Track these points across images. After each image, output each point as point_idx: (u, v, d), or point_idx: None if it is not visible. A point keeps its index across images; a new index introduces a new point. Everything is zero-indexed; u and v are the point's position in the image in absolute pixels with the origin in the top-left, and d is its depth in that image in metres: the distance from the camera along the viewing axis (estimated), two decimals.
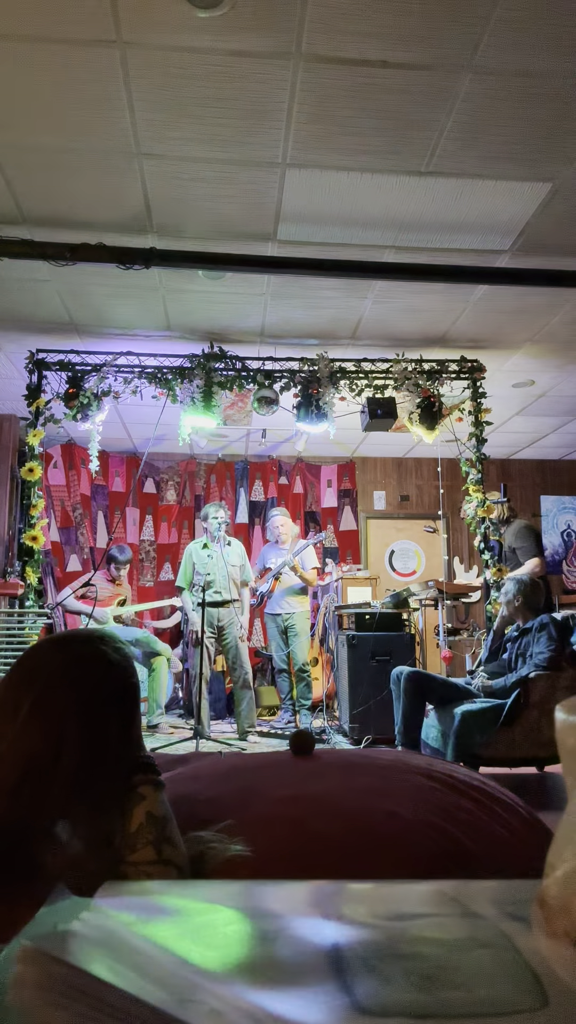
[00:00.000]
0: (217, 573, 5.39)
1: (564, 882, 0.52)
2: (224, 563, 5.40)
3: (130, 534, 7.87)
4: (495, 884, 0.68)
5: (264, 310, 4.90)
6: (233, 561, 5.45)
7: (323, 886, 0.69)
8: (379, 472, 8.43)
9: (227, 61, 2.84)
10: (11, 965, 0.43)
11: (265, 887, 0.71)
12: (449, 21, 2.65)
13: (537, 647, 3.86)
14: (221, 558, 5.41)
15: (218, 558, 5.42)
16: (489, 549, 5.27)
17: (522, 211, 3.78)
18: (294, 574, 5.82)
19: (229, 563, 5.42)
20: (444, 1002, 0.44)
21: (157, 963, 0.47)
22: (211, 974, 0.46)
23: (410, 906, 0.61)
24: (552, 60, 2.83)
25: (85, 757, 0.97)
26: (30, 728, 0.97)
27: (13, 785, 0.94)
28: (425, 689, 4.10)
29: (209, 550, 5.44)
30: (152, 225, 3.94)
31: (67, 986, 0.42)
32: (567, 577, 8.44)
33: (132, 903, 0.61)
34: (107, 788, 0.98)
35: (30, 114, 3.12)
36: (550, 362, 5.66)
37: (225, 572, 5.39)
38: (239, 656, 5.35)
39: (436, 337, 5.31)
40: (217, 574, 5.38)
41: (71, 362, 5.24)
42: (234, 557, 5.48)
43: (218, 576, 5.39)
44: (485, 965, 0.48)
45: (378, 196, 3.67)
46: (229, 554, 5.45)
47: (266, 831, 1.09)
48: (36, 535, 4.96)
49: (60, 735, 0.96)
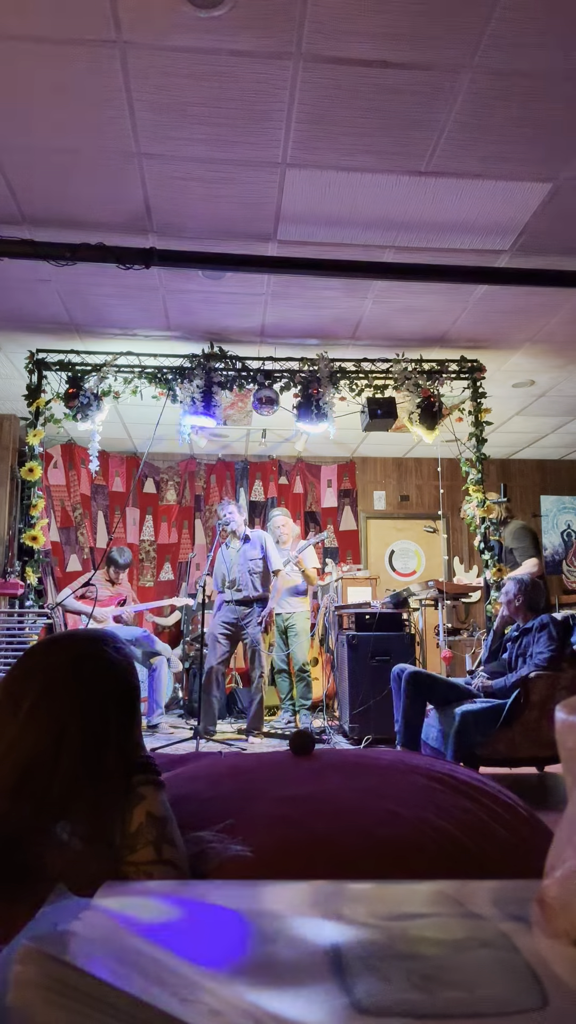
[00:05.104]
0: (237, 571, 5.43)
1: (564, 882, 0.52)
2: (243, 559, 5.44)
3: (130, 534, 7.87)
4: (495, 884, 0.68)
5: (264, 310, 4.90)
6: (252, 555, 5.49)
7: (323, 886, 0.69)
8: (379, 472, 8.43)
9: (227, 61, 2.84)
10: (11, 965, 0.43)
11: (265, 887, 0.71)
12: (449, 21, 2.65)
13: (537, 647, 3.86)
14: (236, 555, 5.44)
15: (234, 556, 5.45)
16: (489, 549, 5.27)
17: (522, 211, 3.78)
18: (297, 569, 5.83)
19: (248, 558, 5.46)
20: (444, 1002, 0.44)
21: (157, 963, 0.47)
22: (211, 974, 0.46)
23: (410, 906, 0.61)
24: (552, 60, 2.83)
25: (85, 757, 0.97)
26: (30, 728, 0.97)
27: (13, 785, 0.94)
28: (425, 689, 4.09)
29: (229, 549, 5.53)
30: (152, 225, 3.94)
31: (67, 986, 0.42)
32: (567, 577, 8.44)
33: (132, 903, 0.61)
34: (107, 788, 0.98)
35: (30, 114, 3.12)
36: (550, 362, 5.66)
37: (244, 569, 5.44)
38: (255, 656, 5.39)
39: (436, 337, 5.31)
40: (237, 572, 5.43)
41: (71, 362, 5.24)
42: (252, 551, 5.50)
43: (238, 574, 5.44)
44: (485, 965, 0.48)
45: (378, 196, 3.67)
46: (247, 550, 5.49)
47: (266, 831, 1.09)
48: (36, 535, 4.96)
49: (60, 735, 0.96)
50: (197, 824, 1.10)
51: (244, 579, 5.41)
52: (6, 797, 0.93)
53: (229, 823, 1.11)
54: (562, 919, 0.51)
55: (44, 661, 1.05)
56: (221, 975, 0.46)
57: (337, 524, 8.18)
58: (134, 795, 1.00)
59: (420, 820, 1.15)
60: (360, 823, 1.13)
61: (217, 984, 0.45)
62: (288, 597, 5.88)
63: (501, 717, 3.69)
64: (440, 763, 1.51)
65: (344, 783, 1.32)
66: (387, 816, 1.16)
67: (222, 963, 0.48)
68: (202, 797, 1.25)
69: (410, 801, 1.22)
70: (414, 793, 1.26)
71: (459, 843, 1.13)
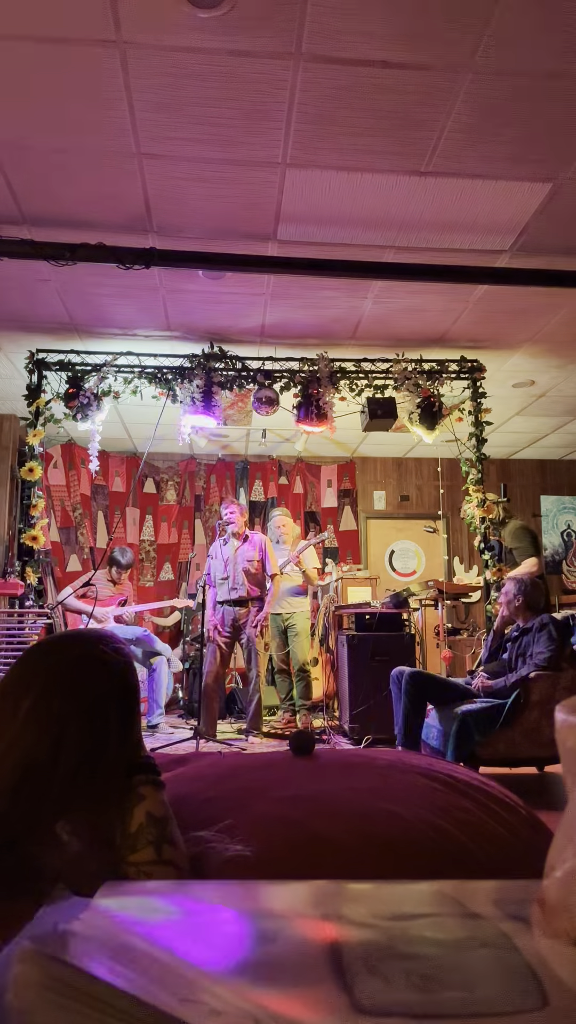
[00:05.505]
0: (231, 569, 5.42)
1: (564, 882, 0.52)
2: (240, 559, 5.43)
3: (130, 534, 7.87)
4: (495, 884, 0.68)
5: (264, 310, 4.90)
6: (249, 556, 5.47)
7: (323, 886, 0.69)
8: (379, 472, 8.43)
9: (227, 61, 2.84)
10: (11, 965, 0.43)
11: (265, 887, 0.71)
12: (449, 21, 2.65)
13: (537, 647, 3.86)
14: (234, 554, 5.44)
15: (231, 554, 5.45)
16: (489, 549, 5.27)
17: (522, 211, 3.78)
18: (298, 569, 5.82)
19: (245, 558, 5.44)
20: (444, 1002, 0.44)
21: (157, 963, 0.47)
22: (211, 974, 0.46)
23: (410, 906, 0.61)
24: (552, 60, 2.83)
25: (85, 757, 0.97)
26: (29, 728, 0.97)
27: (13, 785, 0.94)
28: (425, 689, 4.09)
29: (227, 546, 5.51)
30: (152, 225, 3.94)
31: (67, 986, 0.42)
32: (567, 577, 8.44)
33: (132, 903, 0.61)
34: (107, 788, 0.98)
35: (30, 114, 3.12)
36: (550, 362, 5.66)
37: (240, 568, 5.42)
38: (252, 656, 5.38)
39: (436, 337, 5.31)
40: (231, 570, 5.42)
41: (71, 362, 5.24)
42: (251, 552, 5.48)
43: (231, 572, 5.42)
44: (485, 965, 0.48)
45: (378, 196, 3.67)
46: (246, 550, 5.47)
47: (266, 831, 1.09)
48: (36, 535, 4.96)
49: (59, 735, 0.96)
50: (197, 824, 1.10)
51: (239, 578, 5.40)
52: (6, 797, 0.93)
53: (229, 823, 1.11)
54: (562, 919, 0.51)
55: (44, 661, 1.05)
56: (221, 975, 0.46)
57: (337, 524, 8.18)
58: (134, 795, 1.00)
59: (420, 820, 1.15)
60: (360, 823, 1.13)
61: (217, 984, 0.45)
62: (288, 597, 5.88)
63: (501, 717, 3.69)
64: (440, 763, 1.51)
65: (344, 783, 1.32)
66: (387, 816, 1.16)
67: (222, 963, 0.48)
68: (202, 797, 1.25)
69: (410, 801, 1.22)
70: (414, 793, 1.26)
71: (459, 843, 1.13)
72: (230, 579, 5.39)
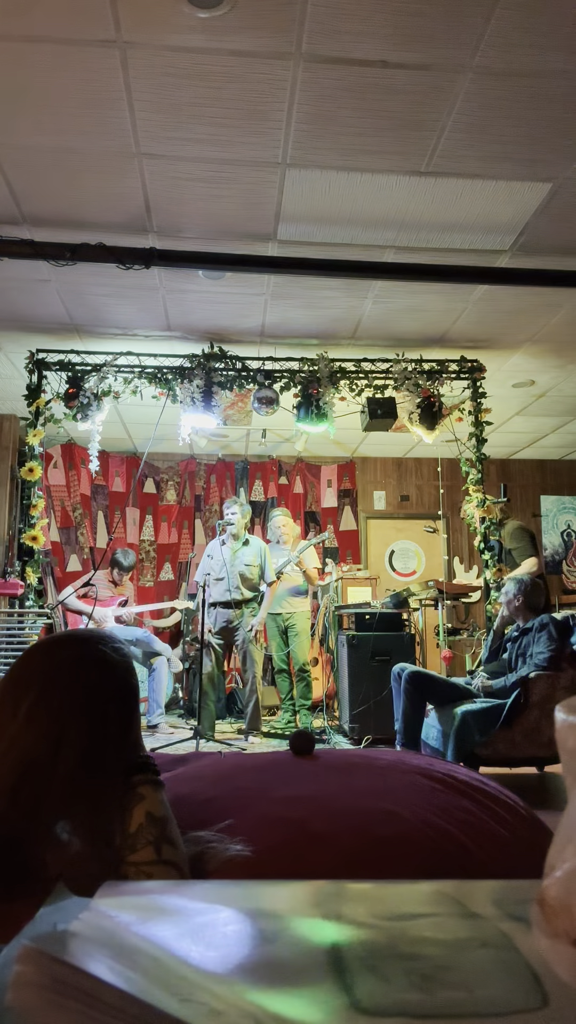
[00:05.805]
0: (227, 570, 5.36)
1: (564, 882, 0.52)
2: (238, 561, 5.36)
3: (130, 534, 7.87)
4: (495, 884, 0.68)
5: (264, 310, 4.90)
6: (248, 560, 5.39)
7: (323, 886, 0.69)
8: (379, 472, 8.43)
9: (227, 61, 2.84)
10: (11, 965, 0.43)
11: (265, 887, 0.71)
12: (449, 21, 2.65)
13: (537, 647, 3.86)
14: (232, 556, 5.38)
15: (229, 556, 5.39)
16: (489, 549, 5.27)
17: (522, 211, 3.78)
18: (298, 569, 5.80)
19: (243, 561, 5.38)
20: (444, 1002, 0.44)
21: (157, 963, 0.47)
22: (211, 974, 0.46)
23: (410, 906, 0.61)
24: (552, 60, 2.83)
25: (84, 757, 0.97)
26: (29, 728, 0.97)
27: (12, 785, 0.94)
28: (425, 689, 4.09)
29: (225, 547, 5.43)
30: (152, 225, 3.94)
31: (67, 986, 0.42)
32: (567, 577, 8.44)
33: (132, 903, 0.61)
34: (107, 788, 0.98)
35: (30, 114, 3.12)
36: (550, 362, 5.66)
37: (236, 570, 5.34)
38: (247, 658, 5.35)
39: (436, 337, 5.31)
40: (227, 571, 5.37)
41: (71, 362, 5.24)
42: (249, 556, 5.41)
43: (227, 573, 5.36)
44: (485, 965, 0.48)
45: (378, 196, 3.67)
46: (245, 553, 5.41)
47: (266, 831, 1.09)
48: (36, 535, 4.96)
49: (59, 735, 0.96)
50: (197, 824, 1.10)
51: (235, 580, 5.36)
52: (6, 797, 0.93)
53: (229, 823, 1.11)
54: (562, 919, 0.51)
55: (44, 661, 1.05)
56: (221, 975, 0.46)
57: (337, 524, 8.18)
58: (134, 795, 1.00)
59: (420, 820, 1.15)
60: (360, 823, 1.13)
61: (217, 984, 0.45)
62: (288, 597, 5.88)
63: (501, 717, 3.69)
64: (440, 763, 1.51)
65: (344, 783, 1.32)
66: (387, 816, 1.16)
67: (222, 963, 0.48)
68: (202, 797, 1.25)
69: (410, 801, 1.22)
70: (414, 793, 1.26)
71: (459, 843, 1.13)
72: (226, 580, 5.36)
